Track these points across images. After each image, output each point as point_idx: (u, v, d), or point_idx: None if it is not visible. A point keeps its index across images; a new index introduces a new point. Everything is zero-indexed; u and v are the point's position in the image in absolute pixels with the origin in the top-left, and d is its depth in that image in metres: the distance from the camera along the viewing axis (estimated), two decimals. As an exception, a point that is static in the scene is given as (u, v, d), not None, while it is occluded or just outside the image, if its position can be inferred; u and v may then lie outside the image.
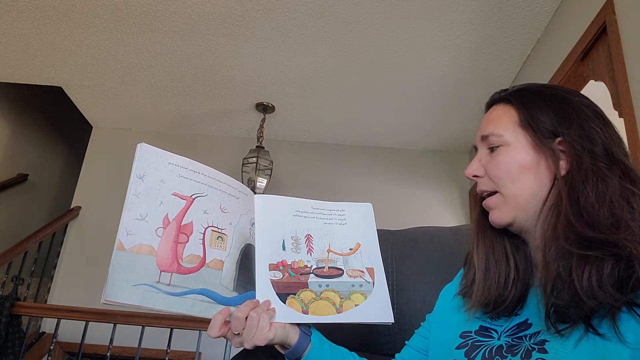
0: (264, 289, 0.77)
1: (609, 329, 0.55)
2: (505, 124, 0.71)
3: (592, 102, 0.70)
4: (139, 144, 0.72)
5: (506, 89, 0.76)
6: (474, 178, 0.74)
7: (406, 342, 0.87)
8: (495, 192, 0.71)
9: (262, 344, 0.71)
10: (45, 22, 2.64)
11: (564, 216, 0.61)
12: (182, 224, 0.72)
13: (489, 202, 0.72)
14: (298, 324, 0.78)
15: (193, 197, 0.75)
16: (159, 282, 0.67)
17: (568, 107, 0.68)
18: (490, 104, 0.77)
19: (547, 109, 0.69)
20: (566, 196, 0.62)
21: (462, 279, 0.78)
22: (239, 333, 0.71)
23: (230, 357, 1.37)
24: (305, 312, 0.77)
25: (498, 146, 0.71)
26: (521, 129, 0.69)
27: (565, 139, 0.66)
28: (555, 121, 0.67)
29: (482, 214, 0.76)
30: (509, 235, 0.74)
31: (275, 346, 0.78)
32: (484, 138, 0.73)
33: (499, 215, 0.70)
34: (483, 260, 0.73)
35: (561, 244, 0.60)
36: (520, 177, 0.68)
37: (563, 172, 0.65)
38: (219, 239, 0.76)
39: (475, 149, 0.76)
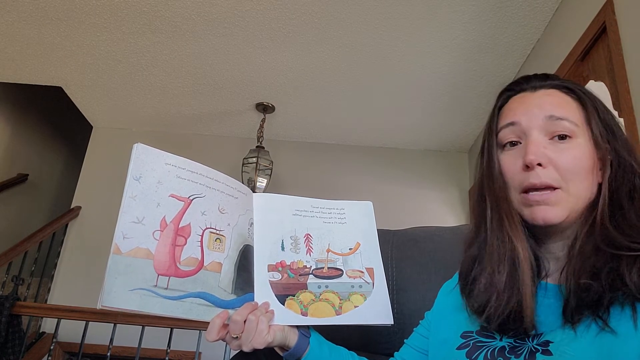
0: (262, 291, 0.76)
1: (623, 323, 0.55)
2: (577, 114, 0.65)
3: None
4: (135, 145, 0.71)
5: (555, 76, 0.70)
6: (537, 167, 0.62)
7: (405, 340, 0.86)
8: (558, 188, 0.62)
9: (260, 347, 0.71)
10: (45, 22, 2.64)
11: (609, 226, 0.60)
12: (179, 226, 0.71)
13: (548, 197, 0.62)
14: (297, 326, 0.77)
15: (191, 198, 0.74)
16: (156, 286, 0.66)
17: (612, 117, 0.67)
18: (539, 86, 0.69)
19: (602, 111, 0.67)
20: (613, 206, 0.62)
21: (460, 276, 0.74)
22: (237, 336, 0.70)
23: (230, 357, 1.37)
24: (304, 314, 0.77)
25: (571, 137, 0.63)
26: (590, 126, 0.64)
27: (614, 147, 0.64)
28: (603, 128, 0.66)
29: (512, 208, 0.66)
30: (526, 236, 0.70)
31: (274, 348, 0.78)
32: (554, 119, 0.63)
33: (557, 213, 0.62)
34: (489, 263, 0.68)
35: (605, 248, 0.59)
36: (587, 176, 0.63)
37: (609, 179, 0.64)
38: (217, 240, 0.75)
39: (511, 124, 0.66)
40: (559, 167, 0.62)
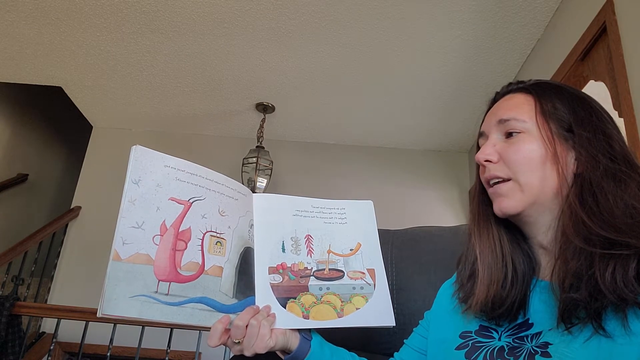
0: (263, 294, 0.76)
1: (618, 327, 0.54)
2: (527, 111, 0.69)
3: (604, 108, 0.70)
4: (133, 147, 0.69)
5: (523, 81, 0.75)
6: (486, 163, 0.70)
7: (405, 341, 0.86)
8: (508, 179, 0.68)
9: (262, 351, 0.70)
10: (45, 22, 2.63)
11: (582, 215, 0.60)
12: (179, 230, 0.70)
13: (500, 188, 0.69)
14: (299, 329, 0.77)
15: (190, 201, 0.72)
16: (157, 292, 0.65)
17: (587, 108, 0.68)
18: (505, 93, 0.76)
19: (567, 105, 0.68)
20: (584, 195, 0.62)
21: (457, 275, 0.77)
22: (239, 341, 0.70)
23: (230, 357, 1.37)
24: (306, 317, 0.76)
25: (519, 132, 0.68)
26: (543, 120, 0.68)
27: (582, 137, 0.65)
28: (572, 118, 0.67)
29: (482, 205, 0.74)
30: (507, 231, 0.72)
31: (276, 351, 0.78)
32: (502, 122, 0.70)
33: (510, 203, 0.67)
34: (481, 257, 0.71)
35: (579, 244, 0.59)
36: (540, 167, 0.66)
37: (579, 170, 0.64)
38: (218, 244, 0.74)
39: (481, 135, 0.75)
40: (506, 160, 0.68)
